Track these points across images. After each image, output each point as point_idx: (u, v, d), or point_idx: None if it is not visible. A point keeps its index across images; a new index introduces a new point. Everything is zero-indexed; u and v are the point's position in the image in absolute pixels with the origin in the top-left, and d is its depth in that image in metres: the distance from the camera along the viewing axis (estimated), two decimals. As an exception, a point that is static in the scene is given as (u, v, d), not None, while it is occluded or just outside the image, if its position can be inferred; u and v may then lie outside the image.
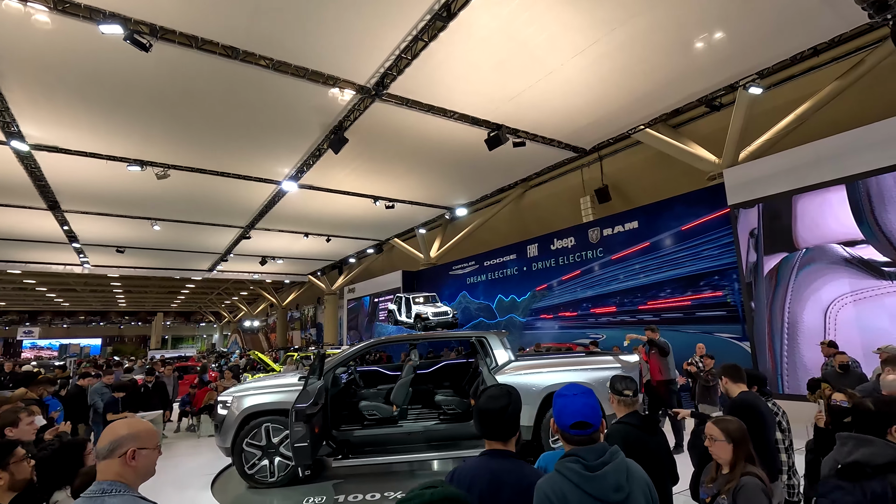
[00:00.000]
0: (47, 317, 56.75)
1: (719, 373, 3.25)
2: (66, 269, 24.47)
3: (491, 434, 1.95)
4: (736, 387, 3.16)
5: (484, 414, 1.94)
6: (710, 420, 2.56)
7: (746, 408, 2.97)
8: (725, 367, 3.26)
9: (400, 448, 5.48)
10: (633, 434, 2.56)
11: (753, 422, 2.86)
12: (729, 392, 3.19)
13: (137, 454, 1.64)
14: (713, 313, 10.91)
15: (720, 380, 3.21)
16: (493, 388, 2.03)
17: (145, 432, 1.69)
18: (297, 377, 5.38)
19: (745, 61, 8.16)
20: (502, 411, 1.91)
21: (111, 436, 1.62)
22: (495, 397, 1.95)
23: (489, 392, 2.00)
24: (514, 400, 1.95)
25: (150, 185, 12.50)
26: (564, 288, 14.75)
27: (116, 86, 8.08)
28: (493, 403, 1.93)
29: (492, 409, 1.92)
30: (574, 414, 1.69)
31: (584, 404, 1.71)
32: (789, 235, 9.07)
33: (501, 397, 1.94)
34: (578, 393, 1.77)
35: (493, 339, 5.80)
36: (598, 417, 1.71)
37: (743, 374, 3.17)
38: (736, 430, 2.42)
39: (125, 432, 1.63)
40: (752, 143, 10.50)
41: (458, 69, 7.89)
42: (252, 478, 5.11)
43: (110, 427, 1.66)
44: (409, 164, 12.24)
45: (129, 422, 1.71)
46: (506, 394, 1.96)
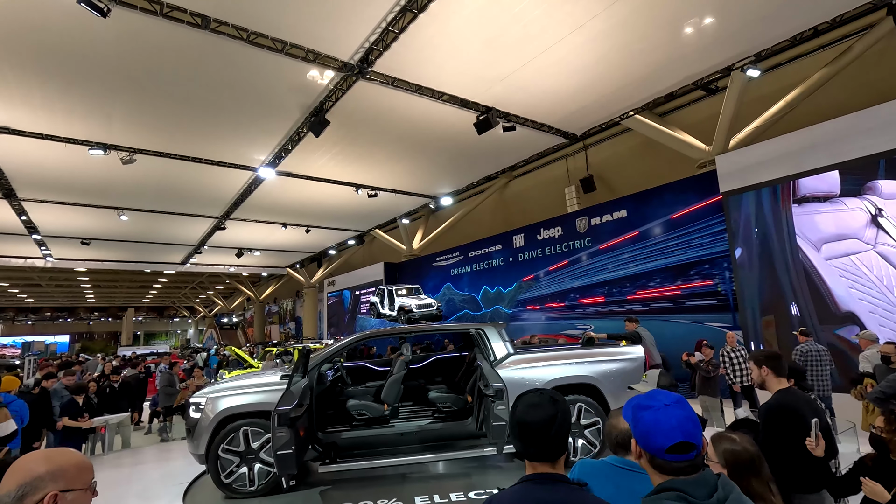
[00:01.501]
0: (10, 313, 54.26)
1: (759, 362, 2.75)
2: (27, 263, 23.16)
3: (534, 453, 1.53)
4: (777, 382, 2.70)
5: (525, 428, 1.52)
6: (715, 434, 2.11)
7: (787, 413, 2.56)
8: (766, 357, 2.77)
9: (392, 450, 5.06)
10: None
11: (795, 429, 2.49)
12: (768, 387, 2.73)
13: (61, 500, 1.14)
14: (703, 302, 10.78)
15: (760, 370, 2.77)
16: (532, 393, 1.61)
17: (73, 467, 1.19)
18: (279, 375, 4.89)
19: (744, 42, 7.91)
20: (548, 424, 1.49)
21: (20, 475, 1.12)
22: (537, 406, 1.53)
23: (528, 399, 1.58)
24: (562, 409, 1.54)
25: (116, 172, 11.66)
26: (552, 278, 14.50)
27: (72, 59, 7.33)
28: (536, 414, 1.52)
29: (534, 421, 1.51)
30: (671, 432, 1.27)
31: (685, 418, 1.29)
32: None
33: (545, 405, 1.53)
34: (671, 402, 1.33)
35: (490, 331, 5.41)
36: (701, 435, 1.31)
37: (786, 366, 2.72)
38: (740, 452, 1.91)
39: (42, 470, 1.13)
40: (742, 131, 10.37)
41: (448, 45, 7.42)
42: (229, 487, 4.62)
43: (20, 463, 1.16)
44: (394, 150, 11.72)
45: (48, 453, 1.21)
46: (550, 401, 1.55)
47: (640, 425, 1.34)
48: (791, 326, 8.44)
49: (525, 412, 1.54)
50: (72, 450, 1.26)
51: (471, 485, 4.78)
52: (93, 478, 1.24)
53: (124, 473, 5.78)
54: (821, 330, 8.25)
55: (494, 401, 4.40)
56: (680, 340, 10.41)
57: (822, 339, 8.08)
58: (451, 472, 5.23)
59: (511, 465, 5.37)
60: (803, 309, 8.60)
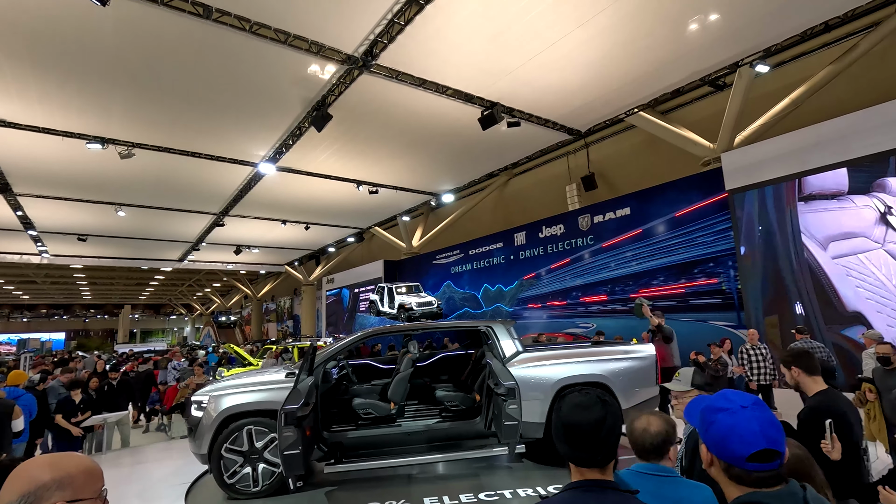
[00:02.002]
0: (5, 310, 53.86)
1: (787, 363, 2.59)
2: (22, 259, 22.91)
3: (583, 458, 1.42)
4: (812, 382, 2.54)
5: (572, 430, 1.41)
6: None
7: (832, 416, 2.36)
8: (794, 356, 2.61)
9: (399, 450, 4.95)
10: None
11: (839, 432, 2.37)
12: (803, 388, 2.57)
13: None
14: (708, 301, 10.71)
15: (790, 371, 2.64)
16: (578, 394, 1.49)
17: (81, 474, 1.05)
18: (284, 373, 4.77)
19: (753, 36, 7.80)
20: (598, 426, 1.38)
21: (23, 483, 0.99)
22: (585, 407, 1.42)
23: (574, 400, 1.47)
24: (612, 410, 1.43)
25: (113, 167, 11.49)
26: (553, 276, 14.41)
27: (70, 50, 7.17)
28: (584, 415, 1.40)
29: (583, 423, 1.40)
30: (753, 438, 1.14)
31: (768, 422, 1.16)
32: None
33: (594, 406, 1.42)
34: (750, 404, 1.20)
35: (499, 328, 5.30)
36: (785, 442, 1.19)
37: (817, 363, 2.59)
38: (788, 457, 1.83)
39: (47, 477, 1.00)
40: (748, 128, 10.30)
41: (454, 38, 7.29)
42: (232, 487, 4.50)
43: (22, 469, 1.03)
44: (396, 146, 11.58)
45: (54, 459, 1.07)
46: (598, 402, 1.44)
47: (715, 429, 1.21)
48: (796, 326, 8.38)
49: (572, 413, 1.43)
50: (79, 455, 1.14)
51: (480, 486, 4.68)
52: (103, 485, 1.11)
53: (124, 473, 5.65)
54: (826, 330, 8.19)
55: (506, 400, 4.29)
56: (684, 339, 10.31)
57: (827, 339, 8.01)
58: (459, 472, 5.12)
59: (520, 465, 5.26)
60: (808, 308, 8.53)
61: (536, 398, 4.95)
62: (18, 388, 5.97)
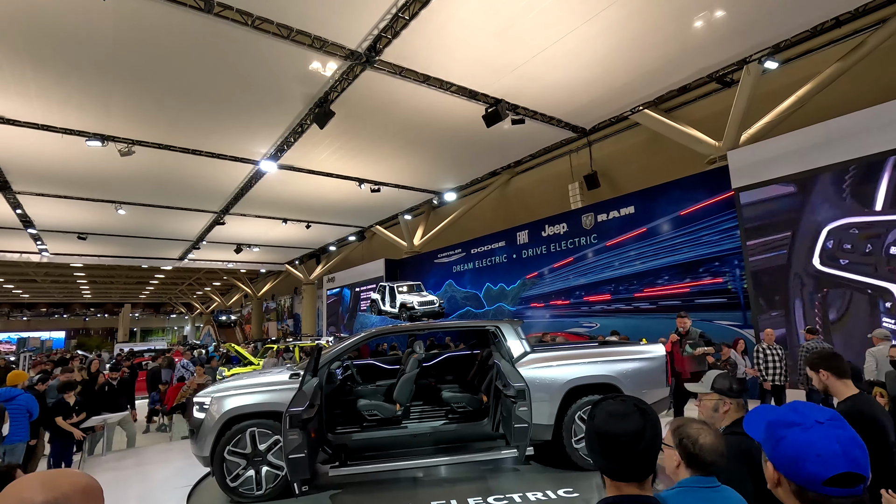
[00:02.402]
0: (5, 309, 53.77)
1: (815, 366, 2.48)
2: (22, 258, 22.80)
3: (619, 472, 1.30)
4: (843, 385, 2.43)
5: (608, 442, 1.30)
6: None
7: (864, 422, 2.22)
8: (822, 358, 2.50)
9: (405, 452, 4.85)
10: (756, 448, 1.96)
11: (873, 441, 2.26)
12: (833, 392, 2.46)
13: None
14: (713, 300, 10.62)
15: (818, 374, 2.53)
16: (613, 401, 1.38)
17: (78, 494, 0.94)
18: (288, 374, 4.67)
19: (763, 32, 7.69)
20: (636, 438, 1.27)
21: None
22: (622, 416, 1.31)
23: (609, 408, 1.35)
24: (652, 420, 1.31)
25: (113, 164, 11.38)
26: (556, 275, 14.32)
27: (69, 45, 7.06)
28: (621, 426, 1.29)
29: (620, 434, 1.28)
30: (833, 459, 1.02)
31: (850, 441, 1.04)
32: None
33: (631, 416, 1.30)
34: (826, 420, 1.08)
35: (506, 328, 5.20)
36: (869, 464, 1.05)
37: (847, 366, 2.46)
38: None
39: (39, 499, 0.88)
40: (753, 126, 10.21)
41: (459, 33, 7.18)
42: (235, 491, 4.39)
43: (13, 490, 0.90)
44: (398, 144, 11.47)
45: (47, 478, 0.95)
46: (635, 410, 1.32)
47: (786, 447, 1.09)
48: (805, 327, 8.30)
49: (607, 423, 1.32)
50: (76, 472, 1.03)
51: (488, 489, 4.58)
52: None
53: (125, 475, 5.55)
54: (832, 331, 8.10)
55: (516, 401, 4.19)
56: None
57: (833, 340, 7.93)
58: (466, 475, 5.02)
59: (527, 467, 5.16)
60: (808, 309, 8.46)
61: (545, 399, 4.85)
62: (16, 388, 5.87)
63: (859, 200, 7.96)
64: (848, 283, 7.96)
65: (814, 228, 8.44)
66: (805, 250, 8.55)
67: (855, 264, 7.95)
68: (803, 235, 8.59)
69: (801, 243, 8.62)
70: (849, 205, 8.09)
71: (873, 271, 7.71)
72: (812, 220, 8.50)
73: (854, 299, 7.88)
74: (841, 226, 8.22)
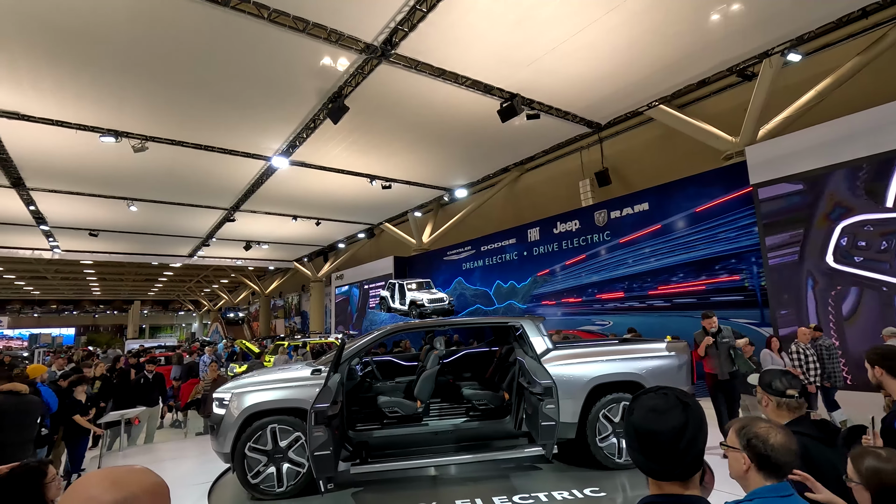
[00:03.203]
0: (16, 306, 54.28)
1: (872, 361, 2.36)
2: (34, 255, 22.95)
3: (659, 471, 1.22)
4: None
5: (647, 439, 1.22)
6: (858, 449, 1.74)
7: None
8: (881, 356, 2.38)
9: (426, 450, 4.78)
10: (815, 449, 1.86)
11: None
12: (888, 390, 2.36)
13: None
14: (729, 298, 10.47)
15: (873, 370, 2.43)
16: (654, 394, 1.29)
17: (147, 495, 0.88)
18: (309, 370, 4.60)
19: (786, 23, 7.52)
20: (678, 435, 1.19)
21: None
22: (662, 411, 1.22)
23: (649, 403, 1.26)
24: (695, 415, 1.22)
25: (126, 160, 11.38)
26: (568, 273, 14.20)
27: (84, 38, 7.02)
28: (661, 422, 1.21)
29: (660, 431, 1.20)
30: None
31: None
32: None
33: (672, 411, 1.22)
34: None
35: (528, 325, 5.11)
36: None
37: None
38: (891, 473, 1.57)
39: (107, 498, 0.82)
40: (772, 121, 10.05)
41: (477, 25, 7.06)
42: (256, 488, 4.35)
43: (80, 488, 0.84)
44: (411, 140, 11.39)
45: (115, 476, 0.88)
46: (677, 404, 1.23)
47: None
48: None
49: (646, 418, 1.23)
50: (144, 469, 0.96)
51: (512, 488, 4.50)
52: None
53: (142, 471, 5.51)
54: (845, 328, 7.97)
55: (543, 399, 4.10)
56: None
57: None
58: (487, 473, 4.94)
59: (550, 466, 5.07)
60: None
61: (569, 397, 4.76)
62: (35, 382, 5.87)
63: (873, 197, 7.83)
64: (862, 280, 7.86)
65: (827, 225, 8.35)
66: (818, 247, 8.46)
67: (870, 261, 7.84)
68: (816, 232, 8.50)
69: (814, 240, 8.53)
70: (863, 202, 7.98)
71: (888, 268, 7.59)
72: (826, 216, 8.40)
73: (867, 296, 7.78)
74: (855, 223, 8.10)
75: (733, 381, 5.86)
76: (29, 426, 4.19)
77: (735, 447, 1.58)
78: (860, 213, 7.96)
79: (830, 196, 8.30)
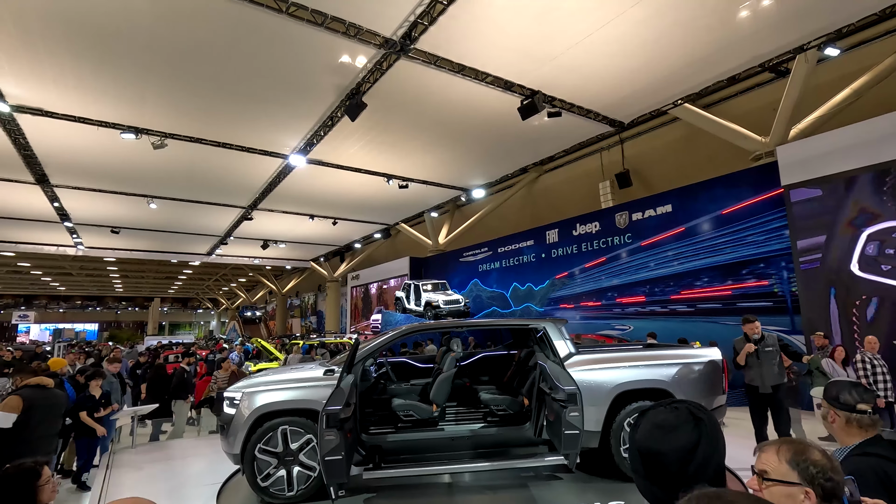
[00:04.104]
0: (43, 301, 55.73)
1: None
2: (59, 251, 23.46)
3: (666, 499, 1.01)
4: None
5: (651, 460, 1.04)
6: None
7: None
8: None
9: (442, 456, 4.58)
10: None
11: None
12: None
13: None
14: (757, 304, 10.06)
15: None
16: (664, 409, 1.10)
17: None
18: (322, 370, 4.45)
19: (824, 15, 7.15)
20: (688, 455, 1.01)
21: None
22: (670, 428, 1.04)
23: (656, 418, 1.08)
24: (709, 432, 1.03)
25: (146, 157, 11.47)
26: (587, 276, 13.89)
27: (106, 33, 7.03)
28: (668, 441, 1.03)
29: (666, 451, 1.03)
30: None
31: None
32: None
33: (681, 427, 1.04)
34: None
35: (551, 328, 4.88)
36: None
37: None
38: None
39: None
40: (803, 121, 9.65)
41: (498, 18, 6.86)
42: (266, 491, 4.20)
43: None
44: (429, 138, 11.23)
45: None
46: (689, 419, 1.05)
47: None
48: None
49: (650, 436, 1.05)
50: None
51: (532, 498, 4.27)
52: None
53: (155, 469, 5.43)
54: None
55: (566, 406, 3.87)
56: (728, 344, 9.73)
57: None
58: (505, 482, 4.72)
59: (571, 476, 4.82)
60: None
61: (592, 404, 4.51)
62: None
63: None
64: (888, 289, 7.49)
65: (852, 232, 7.98)
66: (842, 254, 8.10)
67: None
68: (840, 238, 8.14)
69: (837, 246, 8.19)
70: (891, 208, 7.60)
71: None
72: (850, 222, 8.04)
73: (889, 305, 7.41)
74: (882, 230, 7.72)
75: (778, 395, 5.24)
76: (56, 420, 4.16)
77: (791, 482, 1.27)
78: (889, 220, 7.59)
79: (855, 202, 7.95)
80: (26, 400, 3.85)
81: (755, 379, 5.26)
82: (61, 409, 4.24)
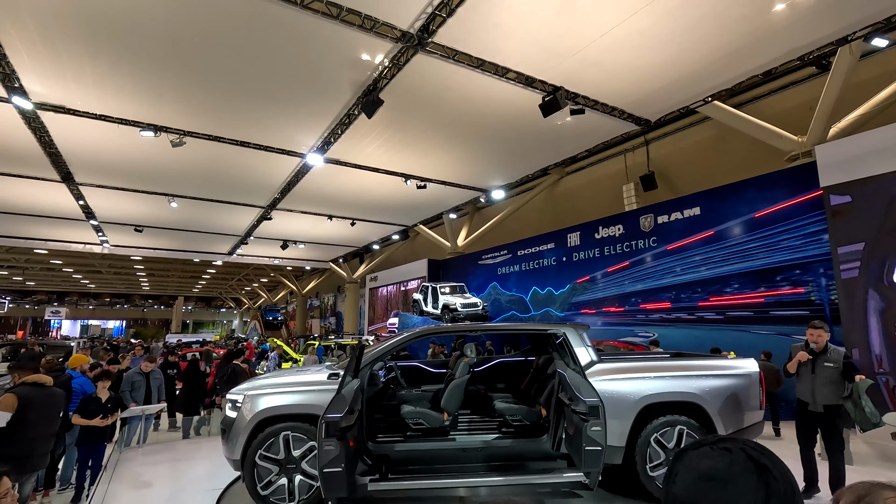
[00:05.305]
0: (74, 298, 57.50)
1: None
2: (85, 249, 24.02)
3: None
4: None
5: None
6: None
7: None
8: None
9: (453, 468, 4.29)
10: None
11: None
12: None
13: None
14: (792, 312, 9.51)
15: None
16: (709, 450, 0.79)
17: None
18: (327, 374, 4.22)
19: (872, 3, 6.63)
20: None
21: None
22: (724, 481, 0.74)
23: (699, 463, 0.78)
24: (780, 489, 0.73)
25: (166, 156, 11.54)
26: (610, 280, 13.44)
27: (123, 28, 6.99)
28: (725, 498, 0.74)
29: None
30: None
31: None
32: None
33: (739, 479, 0.74)
34: None
35: (571, 333, 4.55)
36: None
37: None
38: None
39: None
40: (843, 119, 9.08)
41: (520, 10, 6.57)
42: (266, 500, 3.98)
43: None
44: (447, 136, 10.98)
45: None
46: (748, 468, 0.74)
47: None
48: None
49: (698, 491, 0.76)
50: None
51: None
52: None
53: (158, 471, 5.29)
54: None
55: (588, 419, 3.54)
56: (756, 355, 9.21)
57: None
58: (522, 499, 4.40)
59: (591, 493, 4.48)
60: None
61: (616, 417, 4.17)
62: (75, 371, 5.81)
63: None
64: None
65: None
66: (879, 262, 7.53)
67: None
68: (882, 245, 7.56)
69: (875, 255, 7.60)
70: None
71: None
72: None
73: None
74: None
75: (833, 418, 4.51)
76: (54, 418, 4.05)
77: None
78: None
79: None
80: (22, 398, 3.72)
81: (805, 394, 4.61)
82: (59, 408, 4.11)
